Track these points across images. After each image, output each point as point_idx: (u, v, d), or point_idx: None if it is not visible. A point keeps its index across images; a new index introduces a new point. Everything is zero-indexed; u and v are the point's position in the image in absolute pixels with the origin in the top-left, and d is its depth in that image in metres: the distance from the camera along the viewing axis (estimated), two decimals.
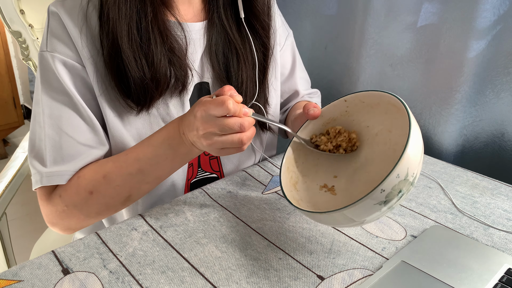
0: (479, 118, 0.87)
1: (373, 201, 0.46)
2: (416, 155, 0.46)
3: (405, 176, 0.46)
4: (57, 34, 0.60)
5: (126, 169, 0.60)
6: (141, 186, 0.61)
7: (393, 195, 0.46)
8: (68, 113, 0.61)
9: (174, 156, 0.58)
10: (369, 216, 0.48)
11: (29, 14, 0.96)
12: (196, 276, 0.52)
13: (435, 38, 0.87)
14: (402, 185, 0.46)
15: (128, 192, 0.61)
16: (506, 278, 0.50)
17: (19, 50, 0.99)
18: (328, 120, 0.60)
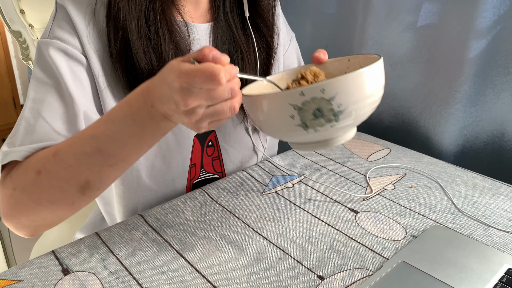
0: (479, 118, 0.87)
1: (290, 99, 0.45)
2: (357, 91, 0.45)
3: (330, 98, 0.44)
4: (62, 25, 0.60)
5: (81, 147, 0.51)
6: (102, 170, 0.51)
7: (310, 107, 0.44)
8: (52, 98, 0.57)
9: (141, 133, 0.49)
10: (282, 117, 0.46)
11: (29, 14, 0.96)
12: (196, 276, 0.51)
13: (435, 38, 0.87)
14: (323, 105, 0.44)
15: (86, 176, 0.51)
16: (506, 278, 0.50)
17: (19, 50, 0.99)
18: (327, 74, 0.59)
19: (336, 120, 0.46)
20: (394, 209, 0.65)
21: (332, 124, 0.46)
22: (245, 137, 0.76)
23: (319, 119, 0.45)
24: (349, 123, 0.47)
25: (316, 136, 0.48)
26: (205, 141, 0.72)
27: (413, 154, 0.84)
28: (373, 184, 0.72)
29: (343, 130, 0.49)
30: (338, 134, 0.50)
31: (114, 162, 0.51)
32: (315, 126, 0.46)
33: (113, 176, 0.53)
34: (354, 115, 0.46)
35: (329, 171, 0.77)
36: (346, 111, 0.45)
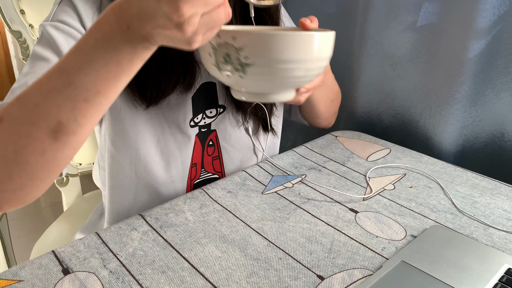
0: (479, 118, 0.87)
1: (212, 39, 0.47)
2: (265, 51, 0.45)
3: (239, 47, 0.45)
4: (67, 10, 0.60)
5: (49, 84, 0.44)
6: (76, 106, 0.43)
7: (222, 50, 0.46)
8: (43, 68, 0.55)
9: (117, 60, 0.43)
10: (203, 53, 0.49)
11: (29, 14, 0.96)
12: (196, 276, 0.52)
13: (435, 38, 0.87)
14: (231, 52, 0.45)
15: (56, 115, 0.43)
16: (506, 278, 0.50)
17: (19, 50, 0.99)
18: None
19: (243, 71, 0.47)
20: (394, 209, 0.65)
21: (240, 75, 0.47)
22: (245, 137, 0.76)
23: (228, 65, 0.47)
24: (260, 82, 0.48)
25: (233, 82, 0.49)
26: (205, 141, 0.72)
27: (413, 154, 0.84)
28: (373, 184, 0.72)
29: (261, 87, 0.50)
30: (260, 89, 0.50)
31: (88, 96, 0.43)
32: (226, 71, 0.48)
33: (90, 115, 0.45)
34: (262, 73, 0.47)
35: (329, 171, 0.77)
36: (253, 67, 0.46)
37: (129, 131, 0.65)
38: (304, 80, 0.52)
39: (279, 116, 0.81)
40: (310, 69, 0.49)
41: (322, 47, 0.49)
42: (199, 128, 0.70)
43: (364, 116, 1.04)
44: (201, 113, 0.70)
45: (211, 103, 0.70)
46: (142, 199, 0.71)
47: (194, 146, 0.71)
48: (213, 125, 0.72)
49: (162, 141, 0.68)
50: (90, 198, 1.09)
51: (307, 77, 0.51)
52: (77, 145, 0.46)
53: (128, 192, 0.70)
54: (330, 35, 0.50)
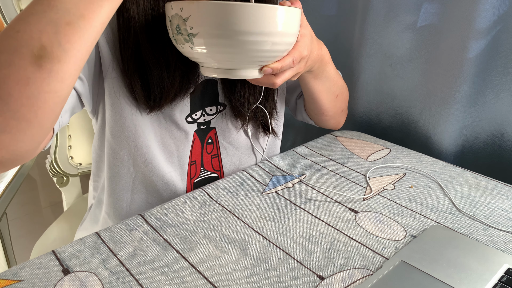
0: (478, 118, 0.87)
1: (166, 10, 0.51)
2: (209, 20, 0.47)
3: (185, 18, 0.47)
4: None
5: (31, 9, 0.42)
6: (59, 30, 0.41)
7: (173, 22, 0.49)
8: None
9: None
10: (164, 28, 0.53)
11: None
12: (196, 276, 0.52)
13: (435, 38, 0.87)
14: (180, 23, 0.48)
15: (39, 39, 0.41)
16: (506, 278, 0.50)
17: None
18: None
19: (191, 42, 0.49)
20: (394, 209, 0.65)
21: (190, 46, 0.50)
22: (244, 136, 0.77)
23: (179, 36, 0.49)
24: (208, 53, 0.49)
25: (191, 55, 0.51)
26: (205, 138, 0.72)
27: (413, 154, 0.84)
28: (373, 184, 0.72)
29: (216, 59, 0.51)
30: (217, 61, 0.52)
31: (72, 20, 0.42)
32: (179, 43, 0.50)
33: (74, 40, 0.42)
34: (208, 45, 0.48)
35: (329, 171, 0.77)
36: (200, 37, 0.48)
37: (128, 123, 0.65)
38: (262, 55, 0.52)
39: (280, 118, 0.81)
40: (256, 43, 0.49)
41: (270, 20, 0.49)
42: (198, 124, 0.70)
43: (363, 116, 1.04)
44: (201, 109, 0.70)
45: (211, 101, 0.70)
46: (140, 192, 0.71)
47: (193, 143, 0.71)
48: (213, 123, 0.72)
49: (159, 135, 0.68)
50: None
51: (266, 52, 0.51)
52: (64, 76, 0.43)
53: (126, 184, 0.70)
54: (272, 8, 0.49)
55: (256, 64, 0.54)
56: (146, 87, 0.62)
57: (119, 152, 0.67)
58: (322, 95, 0.76)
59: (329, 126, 0.86)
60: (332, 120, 0.84)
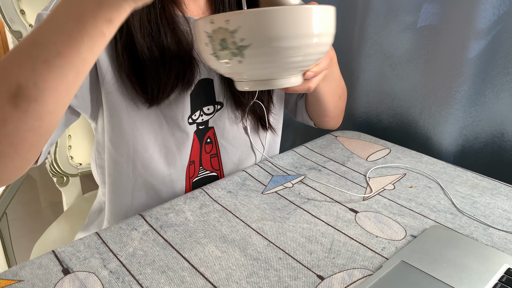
0: (478, 118, 0.87)
1: (203, 26, 0.46)
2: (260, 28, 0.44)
3: (233, 30, 0.44)
4: None
5: (19, 46, 0.42)
6: (36, 67, 0.40)
7: (217, 36, 0.45)
8: None
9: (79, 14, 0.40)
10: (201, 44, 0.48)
11: (29, 14, 0.96)
12: (196, 276, 0.52)
13: (435, 38, 0.87)
14: (226, 36, 0.44)
15: (16, 77, 0.40)
16: (506, 278, 0.50)
17: None
18: None
19: (241, 55, 0.45)
20: (393, 209, 0.65)
21: (239, 60, 0.46)
22: (244, 134, 0.76)
23: (225, 51, 0.45)
24: (260, 64, 0.46)
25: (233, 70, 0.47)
26: (203, 138, 0.72)
27: (413, 154, 0.84)
28: (373, 184, 0.72)
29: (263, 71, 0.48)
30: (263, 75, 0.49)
31: (49, 57, 0.40)
32: (224, 58, 0.46)
33: (50, 79, 0.41)
34: (261, 54, 0.45)
35: (329, 171, 0.77)
36: (251, 48, 0.44)
37: (126, 128, 0.65)
38: (308, 59, 0.49)
39: (279, 114, 0.81)
40: (312, 46, 0.47)
41: (321, 22, 0.47)
42: (197, 125, 0.71)
43: (363, 117, 1.04)
44: (199, 110, 0.70)
45: (208, 100, 0.70)
46: (140, 197, 0.71)
47: (192, 144, 0.71)
48: (211, 122, 0.72)
49: (160, 138, 0.68)
50: (90, 198, 1.09)
51: (310, 56, 0.49)
52: (41, 115, 0.42)
53: (126, 190, 0.70)
54: (330, 9, 0.48)
55: (299, 70, 0.52)
56: (143, 82, 0.62)
57: (118, 159, 0.67)
58: (328, 97, 0.76)
59: (329, 127, 0.86)
60: (332, 121, 0.84)
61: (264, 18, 0.43)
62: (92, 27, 0.40)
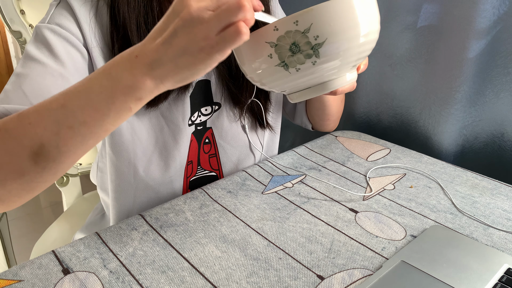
0: (478, 118, 0.87)
1: (264, 37, 0.42)
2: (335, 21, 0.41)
3: (305, 30, 0.41)
4: (64, 14, 0.60)
5: (48, 104, 0.43)
6: (60, 131, 0.42)
7: (285, 42, 0.41)
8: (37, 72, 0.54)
9: (111, 90, 0.41)
10: (261, 58, 0.43)
11: (29, 14, 0.96)
12: (196, 276, 0.52)
13: (435, 38, 0.87)
14: (298, 38, 0.41)
15: (41, 137, 0.43)
16: (506, 278, 0.50)
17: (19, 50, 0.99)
18: None
19: (316, 55, 0.42)
20: (394, 209, 0.65)
21: (313, 61, 0.43)
22: (242, 134, 0.76)
23: (297, 55, 0.42)
24: (334, 60, 0.43)
25: (302, 77, 0.44)
26: (201, 138, 0.72)
27: (413, 154, 0.84)
28: (373, 184, 0.72)
29: (331, 70, 0.45)
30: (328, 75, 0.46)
31: (74, 124, 0.42)
32: (295, 64, 0.43)
33: (72, 144, 0.43)
34: (336, 49, 0.43)
35: (329, 171, 0.77)
36: (326, 44, 0.42)
37: (125, 133, 0.65)
38: (369, 49, 0.47)
39: (277, 113, 0.81)
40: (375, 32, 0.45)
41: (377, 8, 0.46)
42: (195, 126, 0.71)
43: (363, 117, 1.04)
44: (197, 111, 0.70)
45: (206, 101, 0.70)
46: (142, 201, 0.71)
47: (190, 144, 0.71)
48: (209, 123, 0.72)
49: (161, 141, 0.68)
50: (90, 198, 1.09)
51: (371, 44, 0.47)
52: (56, 172, 0.45)
53: (128, 195, 0.70)
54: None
55: (357, 63, 0.49)
56: None
57: (119, 164, 0.67)
58: (334, 101, 0.77)
59: (327, 130, 0.87)
60: (332, 124, 0.85)
61: (336, 9, 0.41)
62: (121, 104, 0.41)
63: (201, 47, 0.38)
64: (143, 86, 0.40)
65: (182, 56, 0.38)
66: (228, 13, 0.37)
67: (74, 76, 0.58)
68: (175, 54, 0.38)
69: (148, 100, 0.43)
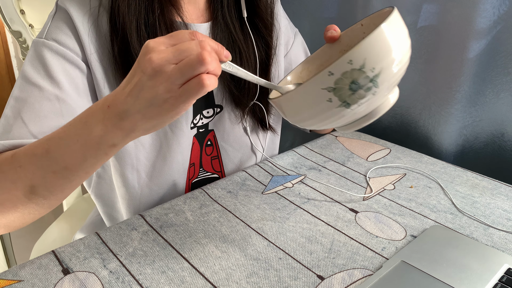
0: (479, 118, 0.87)
1: (321, 84, 0.42)
2: (383, 50, 0.42)
3: (361, 66, 0.42)
4: (61, 27, 0.59)
5: (35, 148, 0.48)
6: (46, 176, 0.48)
7: (344, 83, 0.42)
8: (35, 99, 0.56)
9: (86, 138, 0.45)
10: (320, 105, 0.44)
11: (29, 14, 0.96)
12: (196, 276, 0.52)
13: (435, 38, 0.87)
14: (356, 76, 0.42)
15: (30, 180, 0.48)
16: (506, 278, 0.50)
17: (19, 50, 0.99)
18: (346, 46, 0.57)
19: (375, 85, 0.43)
20: (394, 209, 0.65)
21: (373, 92, 0.44)
22: (244, 136, 0.76)
23: (358, 92, 0.43)
24: (389, 83, 0.44)
25: (361, 110, 0.45)
26: (203, 141, 0.72)
27: (413, 154, 0.84)
28: (373, 184, 0.72)
29: (386, 95, 0.46)
30: (383, 99, 0.47)
31: (57, 169, 0.47)
32: (357, 100, 0.44)
33: (59, 185, 0.49)
34: (391, 73, 0.44)
35: (329, 171, 0.77)
36: (382, 73, 0.43)
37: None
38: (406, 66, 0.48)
39: (278, 115, 0.81)
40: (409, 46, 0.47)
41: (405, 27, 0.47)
42: (197, 128, 0.71)
43: None
44: (199, 113, 0.70)
45: (207, 103, 0.70)
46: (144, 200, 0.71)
47: (192, 147, 0.71)
48: (211, 125, 0.72)
49: (165, 147, 0.67)
50: (90, 198, 1.09)
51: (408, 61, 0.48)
52: (51, 205, 0.51)
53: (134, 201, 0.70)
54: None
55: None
56: None
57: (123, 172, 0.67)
58: None
59: (324, 132, 0.87)
60: (329, 128, 0.85)
61: (381, 38, 0.43)
62: (96, 150, 0.45)
63: (165, 98, 0.39)
64: (114, 135, 0.44)
65: (149, 107, 0.40)
66: (189, 67, 0.38)
67: (72, 96, 0.58)
68: (142, 106, 0.40)
69: (123, 146, 0.46)
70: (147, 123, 0.42)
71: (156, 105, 0.40)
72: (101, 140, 0.44)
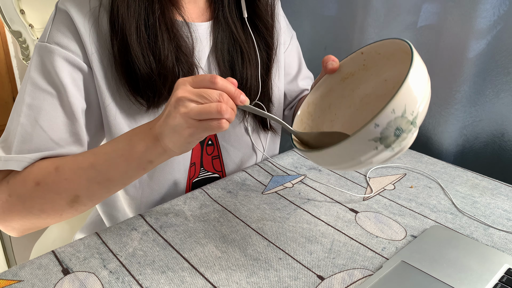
0: (479, 118, 0.87)
1: (367, 136, 0.44)
2: (416, 93, 0.45)
3: (402, 112, 0.44)
4: (62, 30, 0.59)
5: (80, 162, 0.55)
6: (91, 186, 0.55)
7: (389, 132, 0.44)
8: (50, 105, 0.58)
9: (129, 153, 0.52)
10: (366, 154, 0.46)
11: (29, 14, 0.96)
12: (196, 276, 0.52)
13: (435, 38, 0.87)
14: (400, 122, 0.44)
15: (76, 190, 0.55)
16: (506, 278, 0.50)
17: (19, 50, 0.99)
18: (346, 74, 0.59)
19: (414, 126, 0.46)
20: (394, 209, 0.65)
21: (413, 132, 0.47)
22: (245, 136, 0.76)
23: (402, 135, 0.45)
24: (422, 118, 0.47)
25: (400, 149, 0.47)
26: (204, 140, 0.72)
27: (413, 154, 0.84)
28: (373, 184, 0.72)
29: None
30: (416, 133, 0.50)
31: (101, 180, 0.54)
32: (400, 143, 0.46)
33: (100, 194, 0.56)
34: (425, 110, 0.47)
35: (329, 171, 0.77)
36: (420, 113, 0.46)
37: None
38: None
39: (278, 115, 0.81)
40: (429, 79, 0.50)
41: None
42: None
43: None
44: None
45: None
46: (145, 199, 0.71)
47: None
48: None
49: None
50: None
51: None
52: (84, 210, 0.58)
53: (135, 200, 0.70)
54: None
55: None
56: (137, 87, 0.61)
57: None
58: None
59: None
60: None
61: (416, 80, 0.45)
62: (137, 165, 0.53)
63: (184, 127, 0.47)
64: (152, 153, 0.51)
65: (173, 133, 0.48)
66: (207, 113, 0.45)
67: (77, 98, 0.59)
68: (169, 131, 0.48)
69: (159, 163, 0.53)
70: (176, 145, 0.49)
71: (178, 132, 0.47)
72: (142, 155, 0.52)
